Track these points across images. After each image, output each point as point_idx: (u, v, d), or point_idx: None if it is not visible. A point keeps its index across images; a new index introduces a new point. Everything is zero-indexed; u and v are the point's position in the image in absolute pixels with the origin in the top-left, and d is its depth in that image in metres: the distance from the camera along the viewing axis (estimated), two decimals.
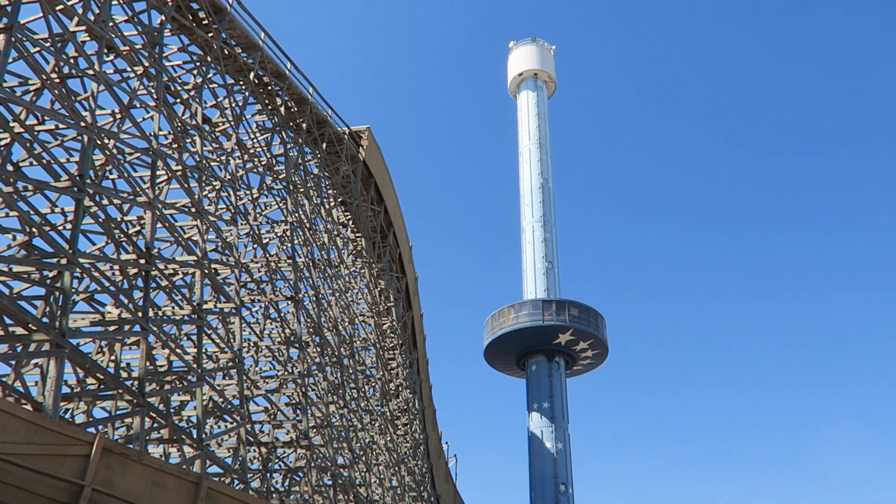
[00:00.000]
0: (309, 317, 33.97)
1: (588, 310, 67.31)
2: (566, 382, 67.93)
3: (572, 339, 66.05)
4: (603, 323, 68.60)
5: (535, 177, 75.84)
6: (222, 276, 29.34)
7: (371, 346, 45.68)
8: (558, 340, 66.28)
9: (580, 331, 65.81)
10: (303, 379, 31.03)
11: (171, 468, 13.96)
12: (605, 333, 68.42)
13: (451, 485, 64.62)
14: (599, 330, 67.38)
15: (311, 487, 30.69)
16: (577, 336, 66.19)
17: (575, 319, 65.53)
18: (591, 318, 66.78)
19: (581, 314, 66.29)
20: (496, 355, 70.85)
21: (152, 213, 21.99)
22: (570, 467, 63.14)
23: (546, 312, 66.26)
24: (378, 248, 49.34)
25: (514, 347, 68.65)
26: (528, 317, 66.61)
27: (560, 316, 65.82)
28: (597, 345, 67.58)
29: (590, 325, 66.34)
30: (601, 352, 68.60)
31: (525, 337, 67.00)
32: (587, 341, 66.74)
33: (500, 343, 68.72)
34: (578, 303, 67.38)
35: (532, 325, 65.97)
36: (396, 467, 45.97)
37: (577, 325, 65.60)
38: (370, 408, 42.89)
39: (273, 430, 32.77)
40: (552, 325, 65.63)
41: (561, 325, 65.41)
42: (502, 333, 67.52)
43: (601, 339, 67.19)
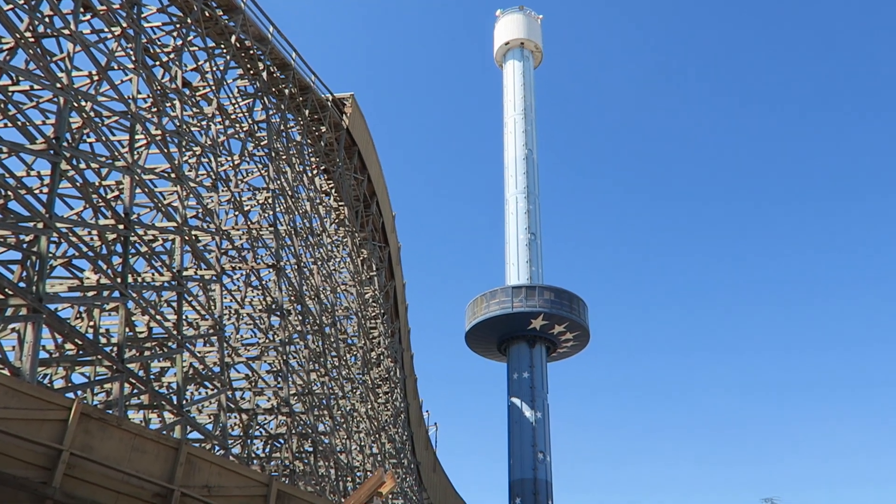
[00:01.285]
0: (290, 285, 33.89)
1: (563, 293, 66.30)
2: (545, 359, 68.08)
3: (546, 323, 65.49)
4: (582, 306, 67.49)
5: (520, 148, 75.62)
6: (203, 243, 29.11)
7: (353, 314, 45.75)
8: (532, 326, 65.88)
9: (553, 315, 64.92)
10: (284, 347, 31.06)
11: (150, 433, 13.98)
12: (584, 317, 67.42)
13: (430, 452, 65.46)
14: (577, 313, 66.31)
15: (292, 454, 30.94)
16: (550, 320, 65.41)
17: (547, 304, 65.02)
18: (566, 302, 65.99)
19: (557, 298, 65.73)
20: (477, 342, 70.91)
21: (131, 178, 21.68)
22: (549, 437, 64.17)
23: (517, 299, 65.92)
24: (361, 217, 49.13)
25: (494, 334, 68.55)
26: (498, 305, 66.58)
27: (530, 301, 65.39)
28: (574, 327, 66.74)
29: (563, 308, 65.38)
30: (580, 333, 67.84)
31: (502, 323, 66.85)
32: (562, 324, 65.98)
33: (479, 330, 68.79)
34: (554, 287, 66.59)
35: (501, 314, 66.03)
36: (377, 435, 46.43)
37: (547, 310, 64.80)
38: (351, 376, 43.11)
39: (254, 398, 32.90)
40: (522, 311, 65.31)
41: (531, 310, 65.01)
42: (477, 322, 67.61)
43: (578, 322, 66.23)
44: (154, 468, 13.31)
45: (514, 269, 70.75)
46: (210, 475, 14.41)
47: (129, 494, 12.82)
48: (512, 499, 61.55)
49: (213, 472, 14.49)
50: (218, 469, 14.61)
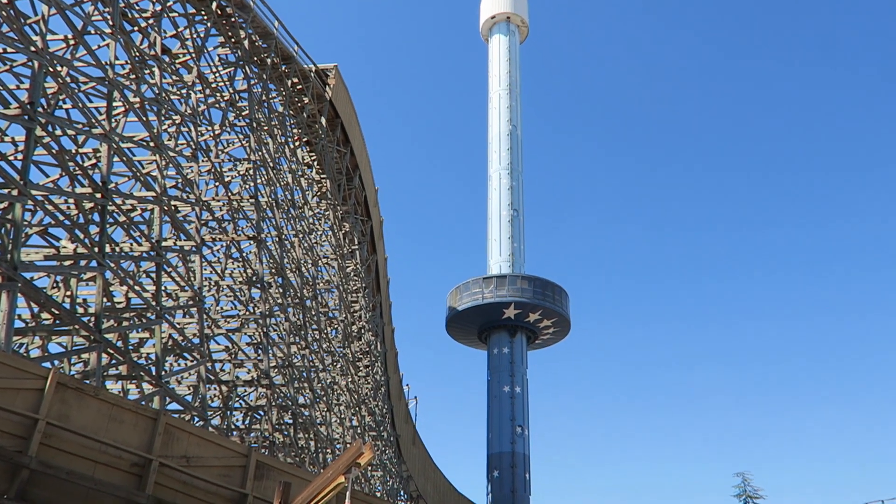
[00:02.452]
0: (271, 257, 33.71)
1: (538, 281, 65.61)
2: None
3: (519, 312, 65.03)
4: (559, 294, 66.64)
5: (504, 123, 75.33)
6: (182, 214, 28.79)
7: (334, 288, 45.68)
8: (506, 315, 65.69)
9: (525, 304, 64.27)
10: (264, 319, 30.98)
11: (128, 403, 13.93)
12: (563, 305, 66.67)
13: (410, 425, 66.02)
14: (551, 301, 65.47)
15: (272, 426, 31.04)
16: (523, 309, 64.79)
17: (518, 292, 64.36)
18: (540, 290, 64.88)
19: (530, 286, 65.16)
20: (457, 331, 70.70)
21: (108, 145, 21.30)
22: (527, 411, 64.93)
23: (487, 289, 65.65)
24: (343, 191, 48.82)
25: (474, 324, 68.23)
26: (470, 297, 66.46)
27: (500, 291, 65.02)
28: (550, 314, 66.00)
29: (535, 296, 64.15)
30: (557, 320, 66.96)
31: (478, 314, 66.61)
32: (537, 312, 65.42)
33: (457, 321, 68.63)
34: (528, 276, 65.96)
35: (472, 305, 66.01)
36: (357, 408, 46.68)
37: (518, 299, 63.95)
38: (332, 349, 43.18)
39: (234, 369, 32.86)
40: (492, 302, 65.08)
41: (501, 300, 64.75)
42: (453, 315, 67.51)
43: (554, 309, 65.47)
44: (132, 438, 13.29)
45: (496, 245, 70.90)
46: (189, 446, 14.43)
47: (107, 464, 12.80)
48: (490, 471, 62.42)
49: (192, 442, 14.50)
50: (197, 440, 14.63)
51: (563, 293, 67.66)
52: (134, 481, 13.08)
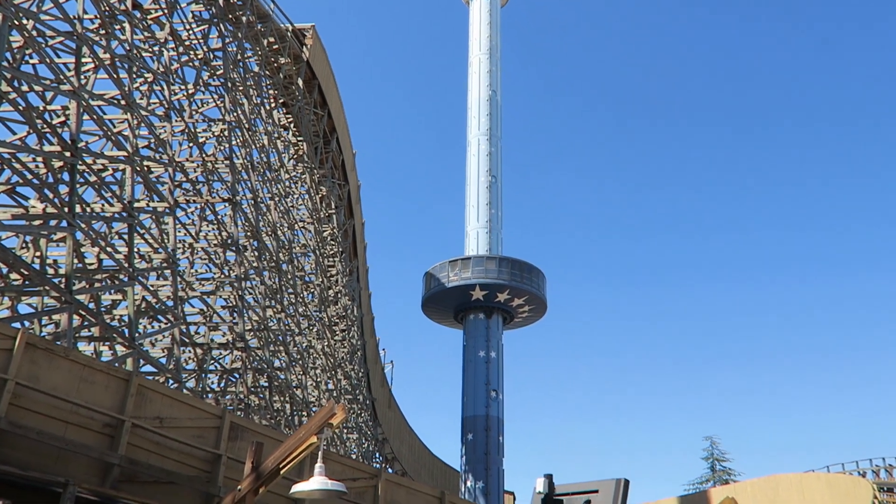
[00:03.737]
0: (247, 220, 33.40)
1: (505, 261, 64.85)
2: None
3: (487, 293, 64.00)
4: (531, 272, 65.76)
5: (484, 88, 74.68)
6: (155, 175, 28.30)
7: (310, 252, 45.49)
8: (475, 297, 65.35)
9: (491, 285, 63.58)
10: (239, 282, 30.82)
11: (99, 364, 13.84)
12: (535, 284, 65.74)
13: (386, 389, 66.60)
14: (522, 280, 64.61)
15: (247, 388, 31.12)
16: (489, 290, 64.09)
17: (482, 273, 63.67)
18: (506, 269, 63.87)
19: (496, 267, 64.03)
20: (433, 313, 70.30)
21: (78, 103, 20.77)
22: (502, 375, 65.72)
23: (453, 272, 65.33)
24: (320, 154, 48.30)
25: (449, 306, 67.68)
26: (437, 281, 66.17)
27: (464, 273, 64.49)
28: (519, 294, 65.09)
29: (500, 276, 63.31)
30: (530, 298, 65.97)
31: (448, 297, 66.22)
32: (504, 292, 64.42)
33: (431, 303, 68.29)
34: (495, 256, 65.19)
35: (437, 290, 65.79)
36: (333, 371, 46.93)
37: (482, 281, 63.06)
38: (308, 313, 43.18)
39: (209, 332, 32.75)
40: (457, 285, 64.66)
41: (466, 283, 64.37)
42: (426, 297, 67.18)
43: (523, 289, 64.62)
44: (104, 399, 13.24)
45: (474, 212, 70.86)
46: (162, 407, 14.43)
47: (78, 425, 12.77)
48: (464, 434, 63.37)
49: (165, 403, 14.50)
50: (170, 401, 14.62)
51: (534, 271, 66.38)
52: (106, 442, 13.08)
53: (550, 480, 5.27)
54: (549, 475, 5.30)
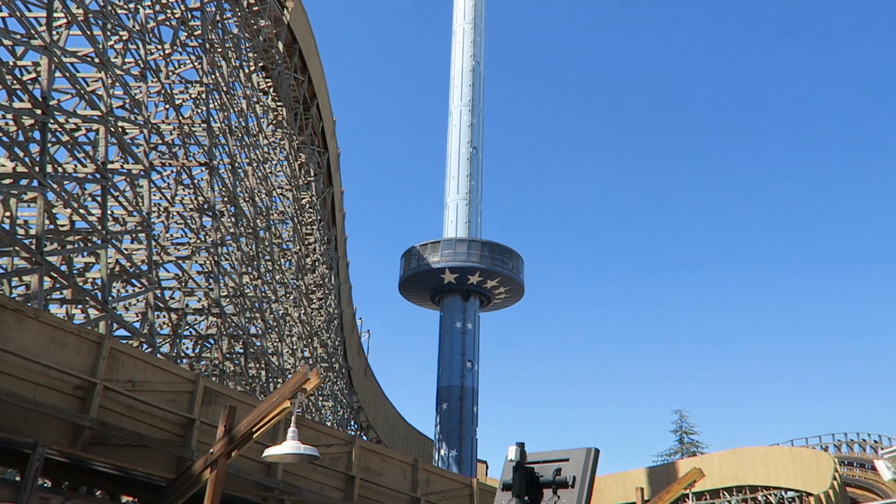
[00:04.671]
0: (224, 185, 32.94)
1: (475, 244, 64.52)
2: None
3: (458, 275, 63.94)
4: (504, 253, 65.46)
5: (467, 59, 73.96)
6: (130, 136, 27.73)
7: (288, 219, 45.10)
8: (447, 280, 65.22)
9: (461, 268, 63.50)
10: (216, 248, 30.49)
11: (71, 326, 13.67)
12: (510, 265, 65.39)
13: (362, 358, 66.82)
14: (493, 261, 64.28)
15: (222, 354, 30.99)
16: (460, 272, 63.94)
17: (450, 257, 63.31)
18: (475, 251, 63.85)
19: (470, 249, 63.53)
20: (410, 295, 70.05)
21: (49, 59, 20.17)
22: (478, 347, 66.26)
23: (424, 255, 64.85)
24: (300, 120, 47.64)
25: (426, 288, 67.49)
26: (410, 263, 65.97)
27: (434, 257, 64.36)
28: (492, 275, 64.90)
29: (470, 257, 63.23)
30: (503, 279, 65.69)
31: (422, 280, 66.08)
32: (474, 274, 64.28)
33: (408, 286, 68.01)
34: (464, 238, 64.81)
35: (409, 274, 65.62)
36: (309, 339, 46.90)
37: (451, 264, 62.97)
38: (285, 281, 42.96)
39: (184, 297, 32.46)
40: (428, 268, 64.65)
41: (436, 266, 64.13)
42: (402, 280, 67.01)
43: (497, 272, 64.37)
44: (75, 361, 13.10)
45: (454, 183, 70.67)
46: (135, 370, 14.33)
47: (49, 387, 12.64)
48: (439, 404, 63.99)
49: (138, 367, 14.40)
50: (143, 364, 14.52)
51: (508, 253, 66.11)
52: (77, 404, 12.97)
53: (522, 448, 5.32)
54: (521, 443, 5.35)
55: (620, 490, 71.90)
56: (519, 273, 67.66)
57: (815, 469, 59.46)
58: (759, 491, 64.69)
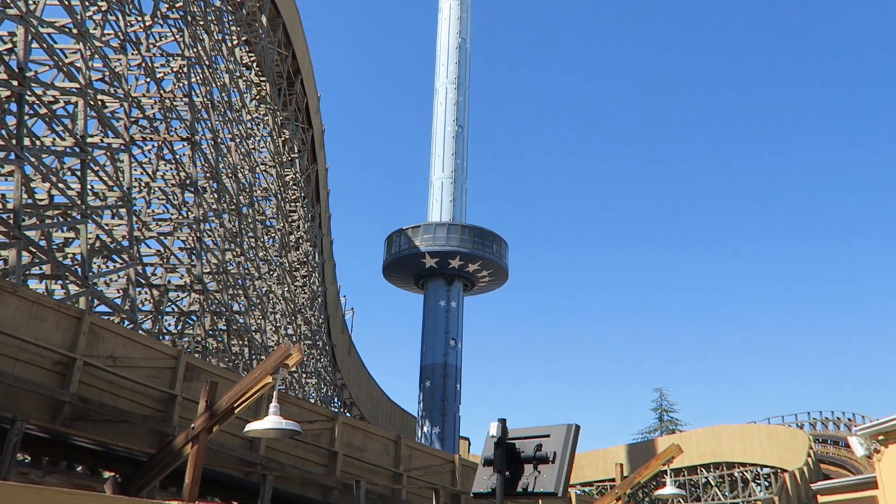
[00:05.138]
0: (206, 161, 32.57)
1: (454, 227, 64.10)
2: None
3: (438, 259, 63.66)
4: (486, 237, 65.03)
5: (454, 35, 73.31)
6: (110, 110, 27.28)
7: (272, 196, 44.76)
8: (429, 265, 64.78)
9: (441, 252, 63.22)
10: (198, 224, 30.22)
11: (50, 301, 13.53)
12: (494, 250, 64.99)
13: (346, 336, 66.88)
14: (473, 245, 63.74)
15: (205, 331, 30.87)
16: (440, 257, 63.64)
17: (429, 241, 62.71)
18: (454, 235, 63.51)
19: (449, 233, 63.15)
20: (394, 279, 69.74)
21: (26, 29, 19.72)
22: (461, 325, 66.53)
23: (404, 240, 64.75)
24: (284, 96, 47.08)
25: (410, 272, 67.13)
26: (393, 248, 65.78)
27: (415, 241, 63.81)
28: (472, 259, 64.52)
29: (449, 241, 62.94)
30: (485, 263, 65.30)
31: (402, 266, 65.94)
32: (454, 258, 63.95)
33: (391, 270, 67.75)
34: (448, 223, 64.43)
35: (390, 260, 65.51)
36: (293, 317, 46.82)
37: (430, 248, 62.66)
38: (268, 258, 42.74)
39: (165, 274, 32.23)
40: (409, 254, 64.59)
41: (415, 251, 63.74)
42: (385, 264, 66.84)
43: (477, 255, 63.99)
44: (54, 337, 12.99)
45: (439, 161, 70.41)
46: (115, 346, 14.23)
47: (28, 362, 12.53)
48: (422, 381, 64.32)
49: (119, 343, 14.31)
50: (124, 340, 14.43)
51: (489, 236, 65.66)
52: (57, 380, 12.89)
53: (504, 424, 5.36)
54: (503, 419, 5.39)
55: (601, 466, 72.96)
56: (502, 257, 67.43)
57: (791, 446, 60.67)
58: (736, 467, 65.92)
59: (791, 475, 46.62)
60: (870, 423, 12.88)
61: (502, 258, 67.25)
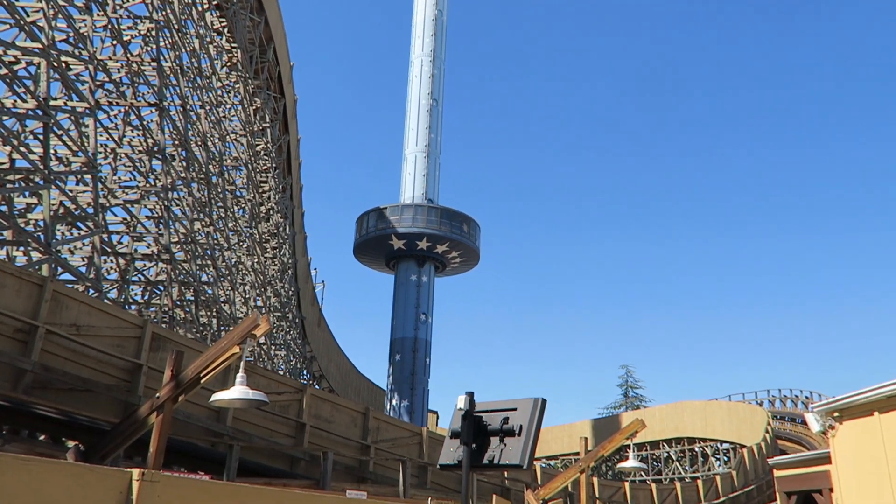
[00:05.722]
0: (175, 128, 31.88)
1: (420, 208, 63.76)
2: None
3: (406, 240, 63.46)
4: (455, 217, 64.55)
5: (430, 7, 72.41)
6: (74, 72, 26.47)
7: (242, 165, 44.06)
8: (398, 247, 64.39)
9: (408, 234, 62.99)
10: (166, 193, 29.65)
11: (10, 267, 13.21)
12: (464, 232, 64.52)
13: (316, 308, 66.66)
14: (441, 226, 63.35)
15: (172, 301, 30.49)
16: (408, 238, 63.34)
17: (397, 223, 62.91)
18: (421, 216, 63.26)
19: (416, 214, 62.97)
20: (365, 259, 69.22)
21: None
22: (432, 299, 66.71)
23: (371, 221, 64.46)
24: (256, 64, 46.14)
25: (380, 252, 66.75)
26: (362, 230, 65.49)
27: (381, 224, 63.37)
28: (440, 240, 64.04)
29: (416, 223, 62.65)
30: (453, 244, 64.72)
31: (370, 247, 65.70)
32: (421, 239, 63.57)
33: (361, 250, 67.33)
34: (414, 204, 64.08)
35: (363, 240, 65.15)
36: (262, 288, 46.46)
37: (399, 230, 62.39)
38: (238, 228, 42.22)
39: (132, 242, 31.67)
40: (375, 235, 64.08)
41: (382, 233, 63.40)
42: (355, 245, 66.54)
43: (445, 237, 63.56)
44: (15, 304, 12.71)
45: (412, 135, 69.93)
46: (79, 314, 13.99)
47: None
48: (392, 355, 64.53)
49: (83, 311, 14.06)
50: (88, 308, 14.18)
51: (459, 217, 65.17)
52: (18, 347, 12.64)
53: (471, 398, 5.41)
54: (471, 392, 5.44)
55: (565, 440, 74.30)
56: (473, 238, 66.88)
57: (750, 422, 62.39)
58: (697, 442, 67.68)
59: (749, 450, 48.01)
60: (826, 401, 13.28)
61: (472, 240, 66.79)
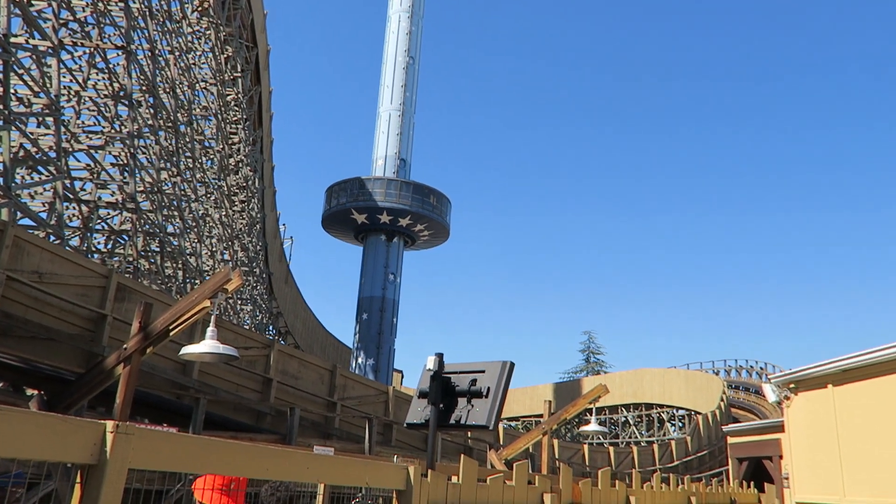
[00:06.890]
0: (142, 73, 30.87)
1: (390, 181, 63.16)
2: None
3: (367, 215, 63.12)
4: (423, 191, 63.87)
5: None
6: (36, 9, 25.36)
7: (212, 115, 43.00)
8: (361, 221, 63.62)
9: (371, 207, 62.60)
10: (132, 140, 28.83)
11: None
12: (431, 206, 63.86)
13: (284, 264, 66.16)
14: (399, 198, 62.84)
15: (137, 251, 29.95)
16: (369, 212, 62.97)
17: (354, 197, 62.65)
18: (378, 188, 62.73)
19: (375, 188, 62.62)
20: (334, 231, 68.33)
21: None
22: (401, 261, 66.71)
23: (334, 195, 64.23)
24: (228, 10, 44.70)
25: (349, 226, 65.90)
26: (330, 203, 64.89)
27: (342, 199, 63.04)
28: (403, 213, 63.62)
29: (376, 195, 62.28)
30: (415, 216, 64.02)
31: (339, 219, 65.03)
32: (381, 213, 63.23)
33: (328, 223, 66.53)
34: (373, 177, 63.60)
35: (329, 214, 64.55)
36: (230, 242, 45.87)
37: (357, 203, 62.10)
38: (206, 180, 41.39)
39: (96, 189, 30.86)
40: (337, 209, 63.52)
41: (342, 208, 62.93)
42: (323, 218, 65.76)
43: (410, 211, 63.05)
44: None
45: (388, 92, 68.91)
46: (41, 261, 13.64)
47: None
48: (359, 314, 64.63)
49: (45, 258, 13.71)
50: (50, 255, 13.84)
51: (425, 190, 64.39)
52: None
53: (441, 359, 5.47)
54: (440, 354, 5.51)
55: (528, 403, 75.75)
56: (442, 214, 66.04)
57: (706, 391, 64.29)
58: (655, 408, 69.63)
59: (704, 417, 49.53)
60: (783, 372, 13.71)
61: (442, 215, 65.98)
